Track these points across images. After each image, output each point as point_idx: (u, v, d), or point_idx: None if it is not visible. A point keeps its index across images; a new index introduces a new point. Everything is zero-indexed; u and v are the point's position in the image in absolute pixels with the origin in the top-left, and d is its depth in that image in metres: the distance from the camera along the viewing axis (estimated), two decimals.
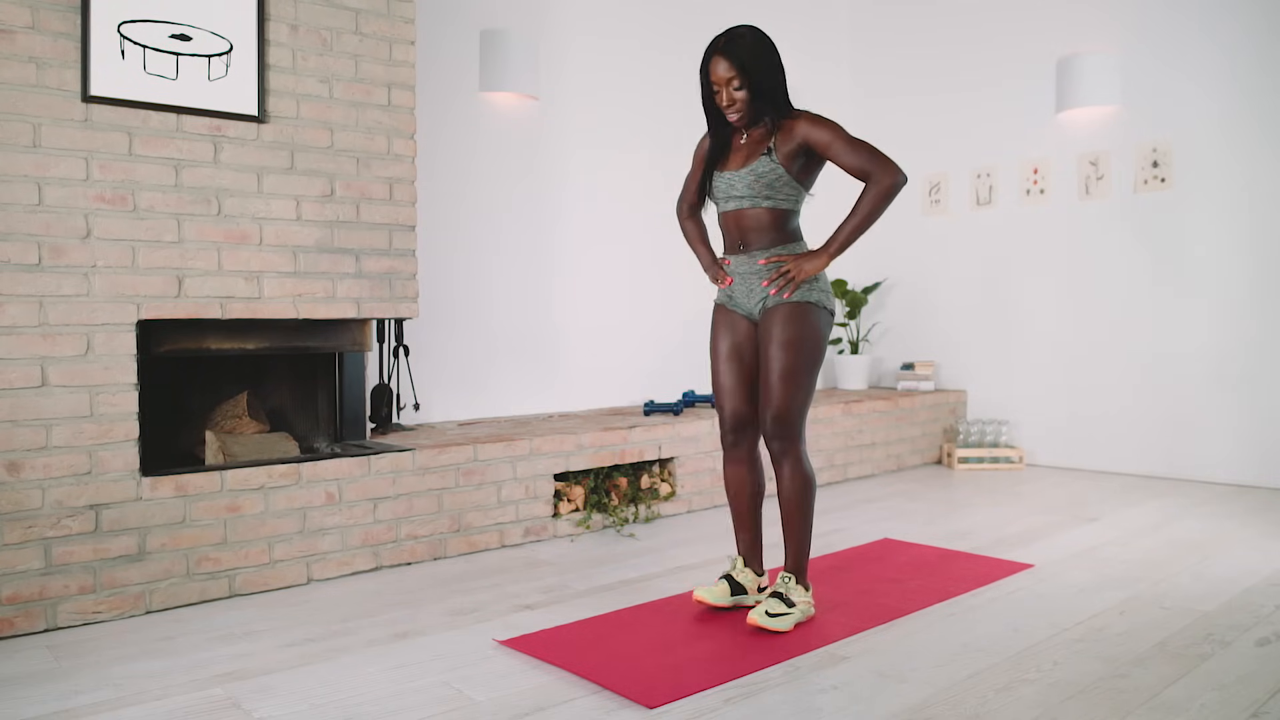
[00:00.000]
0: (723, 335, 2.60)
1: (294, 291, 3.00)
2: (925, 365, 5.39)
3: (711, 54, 2.43)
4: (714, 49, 2.43)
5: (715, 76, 2.43)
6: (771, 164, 2.44)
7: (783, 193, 2.47)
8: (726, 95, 2.43)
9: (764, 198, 2.47)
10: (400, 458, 3.12)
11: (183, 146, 2.78)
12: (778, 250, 2.50)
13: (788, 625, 2.37)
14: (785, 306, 2.47)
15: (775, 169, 2.44)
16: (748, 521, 2.65)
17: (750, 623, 2.36)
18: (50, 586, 2.51)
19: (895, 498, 4.26)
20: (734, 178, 2.49)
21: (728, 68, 2.41)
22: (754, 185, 2.46)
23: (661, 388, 4.86)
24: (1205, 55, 4.45)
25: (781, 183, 2.45)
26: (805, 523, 2.48)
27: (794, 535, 2.48)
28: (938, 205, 5.52)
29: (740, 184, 2.48)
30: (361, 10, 3.14)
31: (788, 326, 2.44)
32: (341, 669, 2.20)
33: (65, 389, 2.56)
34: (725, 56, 2.41)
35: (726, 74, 2.42)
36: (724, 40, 2.43)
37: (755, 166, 2.45)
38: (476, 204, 4.16)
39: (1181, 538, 3.40)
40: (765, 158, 2.44)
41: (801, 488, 2.46)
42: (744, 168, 2.47)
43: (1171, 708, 1.94)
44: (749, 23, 2.78)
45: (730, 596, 2.60)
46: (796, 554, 2.49)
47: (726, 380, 2.59)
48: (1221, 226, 4.43)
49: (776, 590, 2.45)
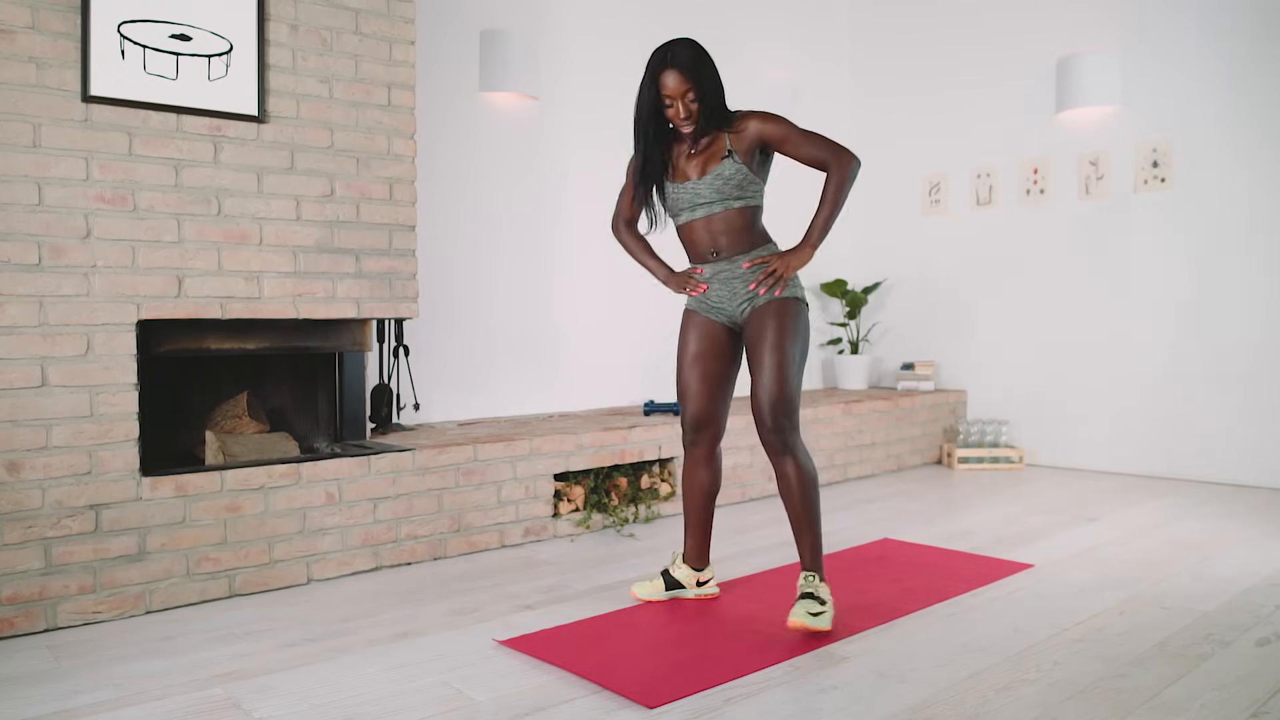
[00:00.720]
0: (692, 339, 2.64)
1: (294, 291, 3.00)
2: (925, 365, 5.39)
3: (661, 68, 2.43)
4: (663, 63, 2.43)
5: (669, 90, 2.44)
6: (736, 165, 2.48)
7: (749, 190, 2.52)
8: (683, 108, 2.45)
9: (734, 199, 2.51)
10: (400, 458, 3.12)
11: (183, 146, 2.78)
12: (758, 252, 2.55)
13: (829, 623, 2.36)
14: (774, 303, 2.50)
15: (741, 169, 2.48)
16: (699, 519, 2.72)
17: (793, 625, 2.32)
18: (50, 586, 2.51)
19: (895, 498, 4.26)
20: (697, 185, 2.51)
21: (680, 80, 2.42)
22: (722, 189, 2.49)
23: (661, 388, 4.86)
24: (1205, 55, 4.45)
25: (749, 181, 2.50)
26: (816, 516, 2.47)
27: (808, 531, 2.47)
28: (938, 205, 5.52)
29: (706, 190, 2.51)
30: (361, 10, 3.14)
31: (780, 321, 2.48)
32: (341, 669, 2.20)
33: (65, 389, 2.56)
34: (677, 69, 2.42)
35: (681, 86, 2.42)
36: (670, 54, 2.44)
37: (720, 170, 2.48)
38: (476, 204, 4.16)
39: (1181, 538, 3.40)
40: (729, 160, 2.48)
41: (808, 480, 2.46)
42: (707, 174, 2.50)
43: (1171, 708, 1.94)
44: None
45: (665, 591, 2.71)
46: (813, 550, 2.47)
47: (691, 382, 2.63)
48: (1222, 226, 4.43)
49: (807, 591, 2.42)
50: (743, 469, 4.19)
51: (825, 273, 5.75)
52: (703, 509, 2.72)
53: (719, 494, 3.95)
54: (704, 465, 2.69)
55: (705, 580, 2.75)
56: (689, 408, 2.65)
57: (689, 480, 2.72)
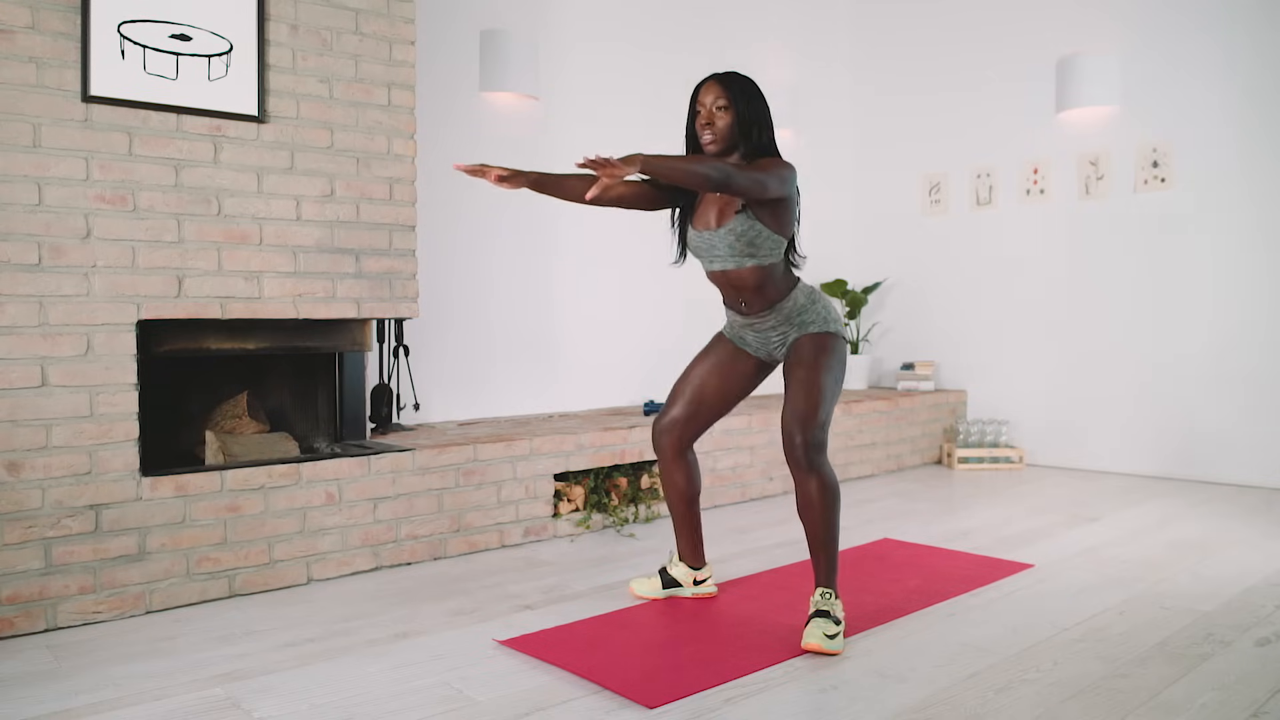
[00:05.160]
0: (712, 353, 2.65)
1: (294, 291, 3.00)
2: (925, 365, 5.39)
3: (702, 83, 2.46)
4: (709, 76, 2.47)
5: (701, 98, 2.45)
6: (749, 220, 2.39)
7: (765, 248, 2.42)
8: (707, 114, 2.43)
9: (747, 256, 2.43)
10: (400, 458, 3.11)
11: (183, 146, 2.78)
12: (782, 304, 2.49)
13: (842, 645, 2.30)
14: (814, 336, 2.47)
15: (753, 225, 2.39)
16: (683, 522, 2.73)
17: (808, 647, 2.26)
18: (50, 586, 2.51)
19: (895, 498, 4.26)
20: (713, 238, 2.45)
21: (714, 89, 2.43)
22: (735, 245, 2.42)
23: (661, 388, 4.85)
24: (1205, 55, 4.45)
25: (762, 238, 2.40)
26: (834, 534, 2.41)
27: (825, 548, 2.40)
28: (938, 205, 5.52)
29: (720, 244, 2.44)
30: (361, 10, 3.14)
31: (819, 349, 2.45)
32: (341, 669, 2.20)
33: (65, 389, 2.56)
34: (718, 82, 2.44)
35: (712, 95, 2.43)
36: (716, 72, 2.48)
37: (734, 225, 2.40)
38: (476, 204, 4.16)
39: (1181, 538, 3.40)
40: (742, 215, 2.40)
41: (831, 498, 2.39)
42: (721, 226, 2.44)
43: (1171, 708, 1.94)
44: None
45: (662, 590, 2.72)
46: (829, 567, 2.41)
47: (691, 380, 2.64)
48: (1221, 226, 4.43)
49: (822, 609, 2.35)
50: (743, 469, 4.19)
51: (825, 273, 5.75)
52: (684, 512, 2.72)
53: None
54: (676, 466, 2.68)
55: (703, 579, 2.75)
56: (673, 397, 2.66)
57: (665, 483, 2.72)
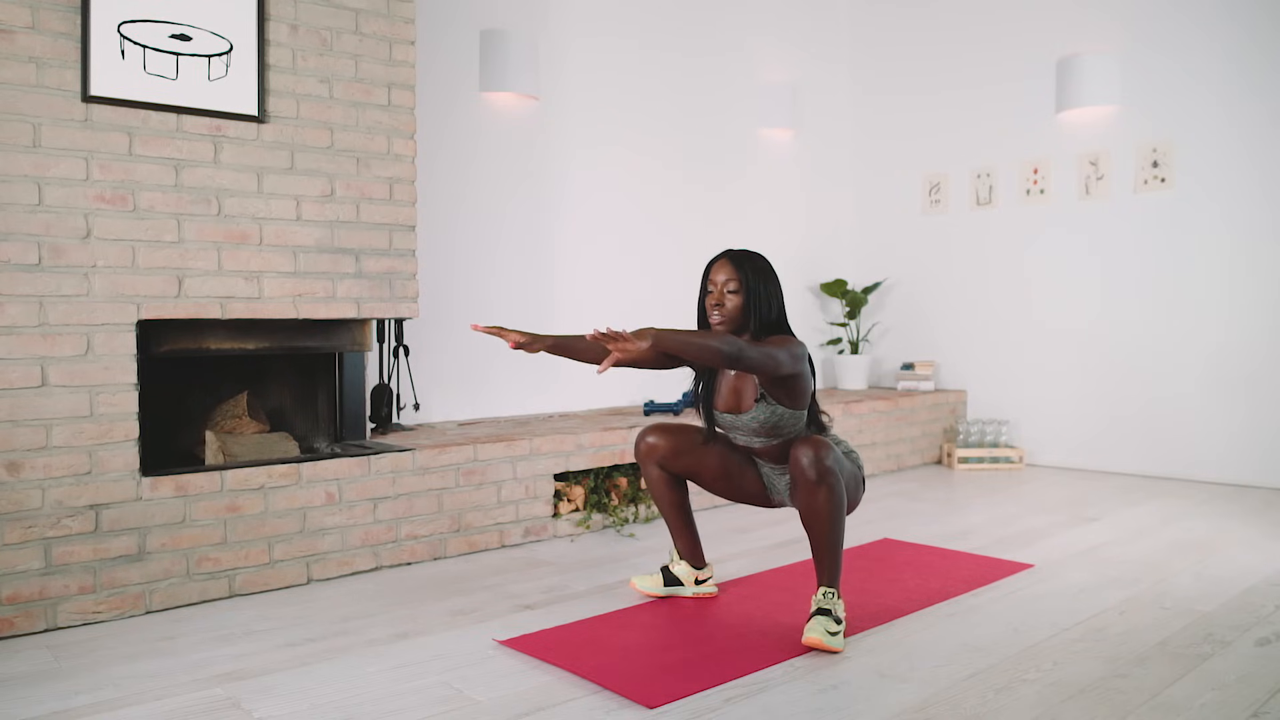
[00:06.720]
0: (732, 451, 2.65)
1: (294, 291, 3.00)
2: (925, 365, 5.39)
3: (717, 258, 2.49)
4: (722, 254, 2.49)
5: (712, 276, 2.48)
6: (769, 407, 2.45)
7: (788, 427, 2.49)
8: (718, 294, 2.45)
9: (773, 436, 2.52)
10: (400, 458, 3.11)
11: (183, 146, 2.78)
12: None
13: (843, 643, 2.32)
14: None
15: (774, 410, 2.45)
16: (677, 525, 2.74)
17: (809, 642, 2.27)
18: (50, 586, 2.51)
19: (895, 498, 4.26)
20: (736, 421, 2.52)
21: (725, 267, 2.46)
22: (759, 430, 2.50)
23: (661, 387, 4.86)
24: (1205, 55, 4.45)
25: (785, 421, 2.47)
26: (840, 540, 2.40)
27: (829, 552, 2.39)
28: (938, 205, 5.52)
29: (744, 428, 2.52)
30: (361, 10, 3.14)
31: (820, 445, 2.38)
32: (341, 669, 2.20)
33: (65, 389, 2.56)
34: (730, 261, 2.46)
35: (724, 275, 2.45)
36: (734, 250, 2.49)
37: (756, 414, 2.46)
38: (476, 204, 4.16)
39: (1181, 538, 3.40)
40: (761, 404, 2.46)
41: (838, 506, 2.36)
42: (744, 414, 2.49)
43: (1171, 708, 1.94)
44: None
45: (664, 587, 2.73)
46: (832, 568, 2.40)
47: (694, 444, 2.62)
48: (1221, 226, 4.43)
49: (824, 607, 2.35)
50: None
51: (825, 273, 5.75)
52: (676, 517, 2.74)
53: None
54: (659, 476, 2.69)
55: (704, 579, 2.75)
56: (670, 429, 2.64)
57: (652, 491, 2.74)
